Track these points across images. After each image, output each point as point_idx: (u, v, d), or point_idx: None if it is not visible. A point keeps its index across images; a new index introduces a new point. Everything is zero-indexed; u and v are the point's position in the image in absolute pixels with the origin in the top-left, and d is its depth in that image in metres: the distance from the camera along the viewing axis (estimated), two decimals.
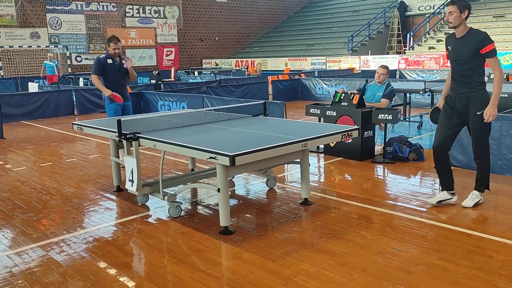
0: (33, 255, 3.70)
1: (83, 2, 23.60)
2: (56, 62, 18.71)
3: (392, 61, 18.76)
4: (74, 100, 12.79)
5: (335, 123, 6.45)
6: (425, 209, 4.45)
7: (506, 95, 7.82)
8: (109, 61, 6.25)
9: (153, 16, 26.20)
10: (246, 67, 24.69)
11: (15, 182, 5.92)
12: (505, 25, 19.43)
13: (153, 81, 15.20)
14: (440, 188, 4.60)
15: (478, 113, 4.17)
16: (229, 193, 4.50)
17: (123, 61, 6.37)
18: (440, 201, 4.48)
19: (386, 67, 7.07)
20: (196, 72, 21.54)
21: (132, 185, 4.59)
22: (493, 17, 20.44)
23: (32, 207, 4.87)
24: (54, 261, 3.56)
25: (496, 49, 4.13)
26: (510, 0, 20.93)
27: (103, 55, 6.30)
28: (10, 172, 6.49)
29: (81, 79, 18.33)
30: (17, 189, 5.60)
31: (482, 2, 22.19)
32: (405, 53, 20.69)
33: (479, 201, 4.44)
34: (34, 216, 4.61)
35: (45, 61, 18.14)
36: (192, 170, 5.94)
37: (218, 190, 3.88)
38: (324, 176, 6.02)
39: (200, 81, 17.43)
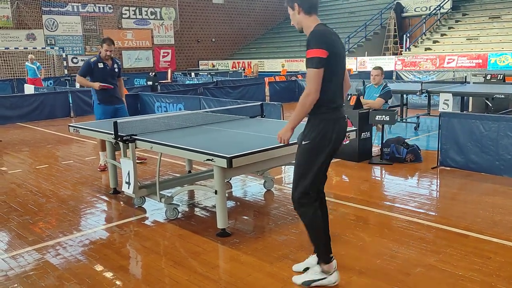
0: (28, 258, 3.66)
1: (79, 4, 23.52)
2: (38, 64, 16.46)
3: (389, 62, 18.78)
4: (71, 101, 12.74)
5: None
6: (423, 210, 4.44)
7: (502, 96, 7.85)
8: (100, 65, 6.20)
9: (149, 17, 26.14)
10: (243, 68, 24.67)
11: (11, 184, 5.88)
12: (501, 26, 19.49)
13: (150, 83, 15.18)
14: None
15: (303, 142, 2.99)
16: (227, 195, 4.48)
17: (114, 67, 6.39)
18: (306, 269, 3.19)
19: (379, 68, 7.07)
20: (193, 74, 21.50)
21: (128, 187, 4.56)
22: (489, 18, 20.50)
23: (28, 210, 4.84)
24: (50, 265, 3.53)
25: (317, 60, 2.78)
26: (505, 1, 21.01)
27: (94, 59, 6.25)
28: (6, 174, 6.44)
29: None
30: (13, 191, 5.55)
31: (478, 3, 22.27)
32: (401, 54, 20.72)
33: (319, 280, 3.00)
34: (30, 219, 4.57)
35: (26, 63, 16.28)
36: (189, 172, 5.91)
37: (215, 192, 3.86)
38: None
39: (197, 82, 17.40)
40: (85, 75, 6.24)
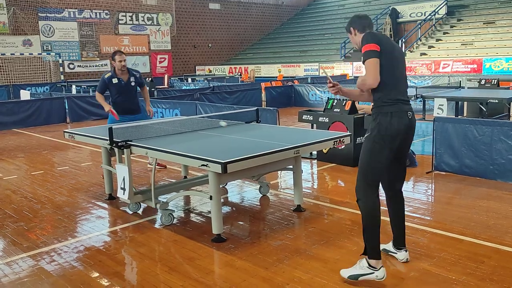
0: (23, 265, 3.65)
1: (76, 10, 23.57)
2: None
3: None
4: (67, 107, 12.74)
5: (328, 130, 6.47)
6: (417, 215, 4.46)
7: (496, 101, 7.92)
8: (114, 80, 6.12)
9: (146, 23, 26.21)
10: (239, 73, 24.75)
11: (5, 191, 5.87)
12: (495, 31, 19.65)
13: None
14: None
15: (366, 134, 3.23)
16: (222, 200, 4.49)
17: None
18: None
19: None
20: (189, 79, 21.55)
21: (124, 193, 4.56)
22: (484, 23, 20.67)
23: (23, 216, 4.83)
24: (45, 271, 3.52)
25: (369, 52, 3.13)
26: (500, 7, 21.19)
27: (109, 75, 6.17)
28: (1, 181, 6.42)
29: (73, 86, 18.27)
30: (7, 198, 5.54)
31: (473, 9, 22.46)
32: None
33: (367, 275, 3.09)
34: (24, 225, 4.56)
35: None
36: (185, 177, 5.92)
37: (210, 198, 3.87)
38: (317, 183, 6.02)
39: (194, 88, 17.43)
40: (102, 91, 6.20)
